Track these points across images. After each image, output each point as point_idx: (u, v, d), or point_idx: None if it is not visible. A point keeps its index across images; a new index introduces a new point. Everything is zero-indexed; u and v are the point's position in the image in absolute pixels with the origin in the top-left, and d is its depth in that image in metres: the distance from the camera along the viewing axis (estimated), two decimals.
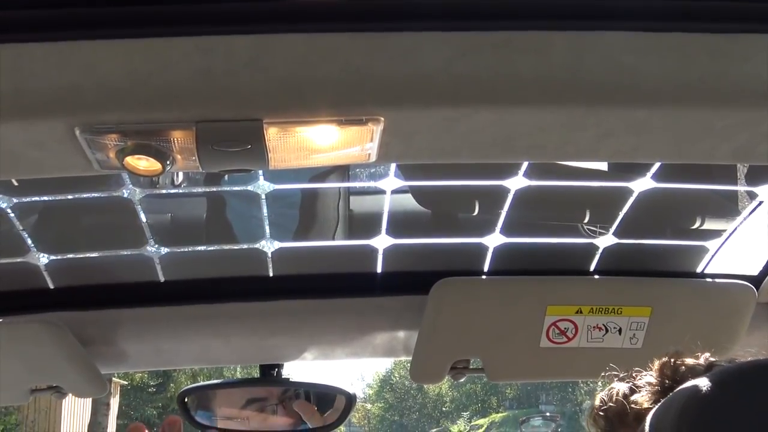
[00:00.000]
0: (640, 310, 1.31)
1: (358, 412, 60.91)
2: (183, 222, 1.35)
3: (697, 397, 0.62)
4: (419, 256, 1.38)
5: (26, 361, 1.33)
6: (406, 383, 56.67)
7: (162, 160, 0.80)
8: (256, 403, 1.51)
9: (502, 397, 49.47)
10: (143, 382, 25.75)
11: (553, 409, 36.12)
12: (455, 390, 52.61)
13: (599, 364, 1.16)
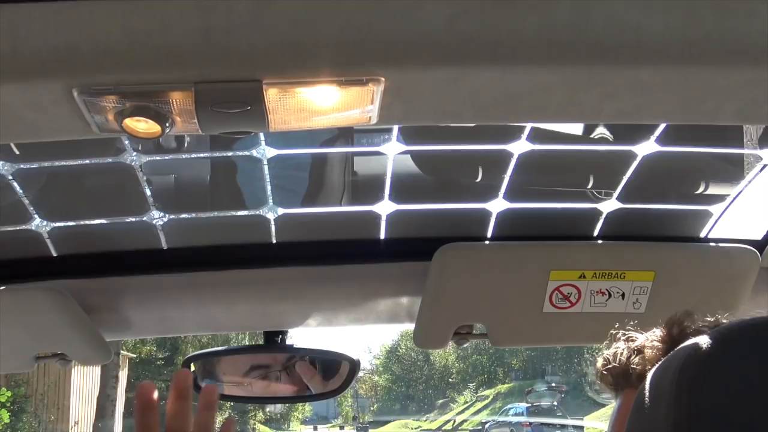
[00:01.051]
0: (643, 274, 1.31)
1: (365, 383, 61.45)
2: (186, 188, 1.35)
3: (698, 354, 0.62)
4: (422, 222, 1.38)
5: (30, 328, 1.33)
6: (413, 355, 57.07)
7: (161, 122, 0.79)
8: (260, 369, 1.52)
9: (508, 368, 49.73)
10: (151, 355, 25.95)
11: (558, 380, 36.34)
12: (461, 361, 52.92)
13: (602, 328, 1.16)
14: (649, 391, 0.65)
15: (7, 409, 12.52)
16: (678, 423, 0.59)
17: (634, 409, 0.67)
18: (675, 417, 0.60)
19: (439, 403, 49.30)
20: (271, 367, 1.52)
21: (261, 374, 1.53)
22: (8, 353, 1.40)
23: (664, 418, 0.60)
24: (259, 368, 1.52)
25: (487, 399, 41.38)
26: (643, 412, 0.65)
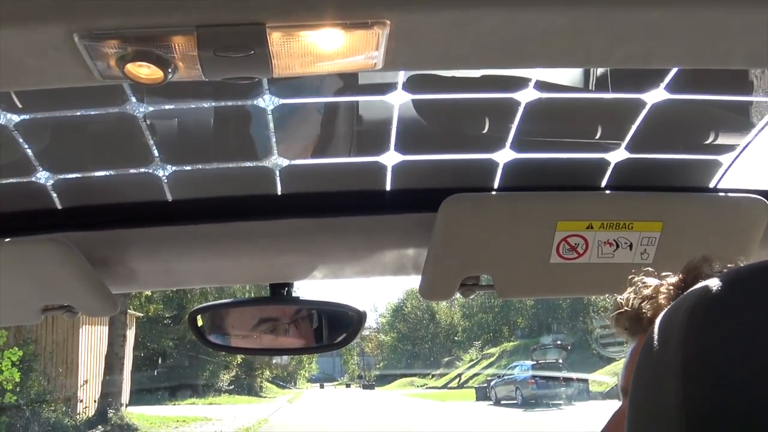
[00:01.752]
0: (651, 225, 1.30)
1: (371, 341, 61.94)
2: (190, 139, 1.34)
3: (708, 296, 0.62)
4: (428, 173, 1.37)
5: (36, 280, 1.33)
6: (418, 313, 57.43)
7: (164, 67, 0.78)
8: (267, 322, 1.53)
9: (513, 326, 50.06)
10: (158, 314, 26.16)
11: (563, 337, 36.57)
12: (467, 320, 53.25)
13: (609, 279, 1.16)
14: (658, 333, 0.64)
15: (17, 367, 12.65)
16: (686, 364, 0.59)
17: (643, 351, 0.67)
18: (683, 358, 0.59)
19: (444, 361, 49.73)
20: (278, 320, 1.53)
21: (267, 327, 1.53)
22: (15, 305, 1.41)
23: (673, 359, 0.60)
24: (266, 321, 1.53)
25: (492, 357, 41.70)
26: (651, 353, 0.64)
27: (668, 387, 0.60)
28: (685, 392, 0.58)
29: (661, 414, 0.61)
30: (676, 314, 0.63)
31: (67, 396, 16.41)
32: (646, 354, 0.66)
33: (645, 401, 0.65)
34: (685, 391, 0.58)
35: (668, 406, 0.60)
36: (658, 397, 0.62)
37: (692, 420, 0.58)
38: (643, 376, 0.66)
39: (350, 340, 1.52)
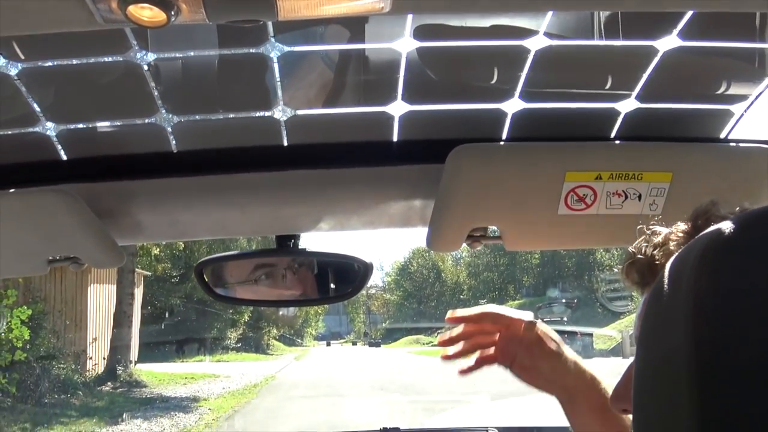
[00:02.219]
0: (660, 175, 1.29)
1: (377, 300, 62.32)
2: (195, 89, 1.32)
3: (719, 239, 0.61)
4: (436, 124, 1.36)
5: (41, 231, 1.33)
6: (424, 272, 57.68)
7: (166, 9, 0.76)
8: (272, 273, 1.53)
9: (519, 285, 50.30)
10: (166, 273, 26.30)
11: (568, 296, 36.72)
12: (473, 278, 53.51)
13: (618, 231, 1.15)
14: (668, 277, 0.63)
15: (27, 326, 12.77)
16: (697, 307, 0.58)
17: (653, 296, 0.66)
18: (694, 301, 0.59)
19: None
20: (284, 272, 1.53)
21: (274, 280, 1.53)
22: (20, 256, 1.41)
23: (683, 303, 0.59)
24: (272, 274, 1.53)
25: None
26: (661, 298, 0.64)
27: (678, 332, 0.59)
28: (695, 336, 0.58)
29: (670, 359, 0.60)
30: (686, 258, 0.62)
31: (76, 353, 16.59)
32: (656, 299, 0.65)
33: (654, 347, 0.64)
34: (696, 335, 0.58)
35: (678, 351, 0.59)
36: (667, 342, 0.61)
37: (702, 364, 0.57)
38: (652, 322, 0.65)
39: (357, 291, 1.52)
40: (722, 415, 0.56)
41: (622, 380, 0.93)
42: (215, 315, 27.63)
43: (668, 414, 0.60)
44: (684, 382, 0.58)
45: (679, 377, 0.59)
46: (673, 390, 0.59)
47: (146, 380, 17.63)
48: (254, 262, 1.53)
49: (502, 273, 51.05)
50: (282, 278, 1.52)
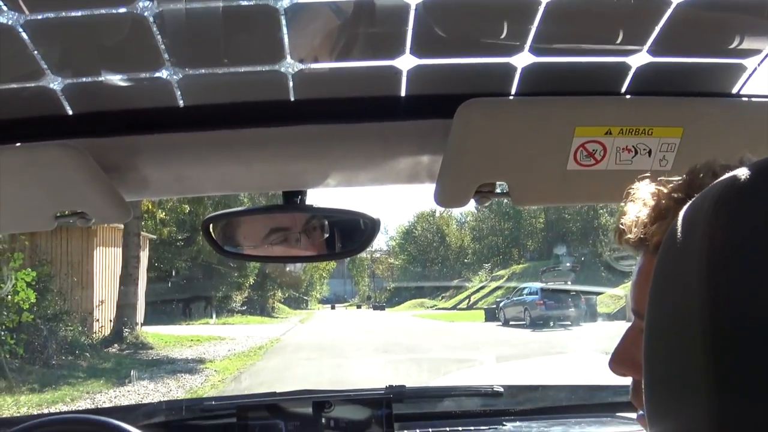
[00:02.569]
0: (671, 130, 1.27)
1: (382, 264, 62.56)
2: (201, 42, 1.30)
3: (735, 186, 0.59)
4: (444, 78, 1.34)
5: (48, 186, 1.33)
6: (429, 236, 57.83)
7: None
8: (277, 231, 1.52)
9: (523, 249, 50.42)
10: (171, 237, 26.38)
11: (572, 260, 36.78)
12: (477, 242, 53.64)
13: (627, 187, 1.14)
14: (681, 225, 0.62)
15: (33, 288, 12.85)
16: (711, 257, 0.57)
17: (665, 247, 0.65)
18: (708, 251, 0.58)
19: (454, 282, 50.24)
20: (290, 228, 1.52)
21: (280, 236, 1.53)
22: (27, 212, 1.41)
23: (698, 252, 0.58)
24: (278, 230, 1.52)
25: (501, 279, 42.08)
26: (674, 246, 0.62)
27: (691, 284, 0.58)
28: (709, 288, 0.57)
29: (682, 314, 0.60)
30: (701, 205, 0.61)
31: (83, 315, 16.71)
32: (669, 248, 0.64)
33: (665, 302, 0.63)
34: (710, 287, 0.57)
35: (691, 306, 0.58)
36: (679, 296, 0.60)
37: (717, 318, 0.56)
38: (664, 272, 0.64)
39: (364, 247, 1.52)
40: (738, 371, 0.55)
41: (621, 343, 0.92)
42: (220, 278, 27.77)
43: (681, 371, 0.59)
44: (698, 337, 0.57)
45: (692, 333, 0.58)
46: (687, 346, 0.58)
47: (152, 342, 17.78)
48: (260, 220, 1.53)
49: (506, 237, 51.17)
50: (288, 233, 1.52)
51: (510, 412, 2.31)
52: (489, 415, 2.30)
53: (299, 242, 1.53)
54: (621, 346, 0.92)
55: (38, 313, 13.80)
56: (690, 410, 0.58)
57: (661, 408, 0.64)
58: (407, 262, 59.26)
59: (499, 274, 44.16)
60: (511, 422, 2.26)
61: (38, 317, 13.75)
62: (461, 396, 2.41)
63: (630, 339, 0.90)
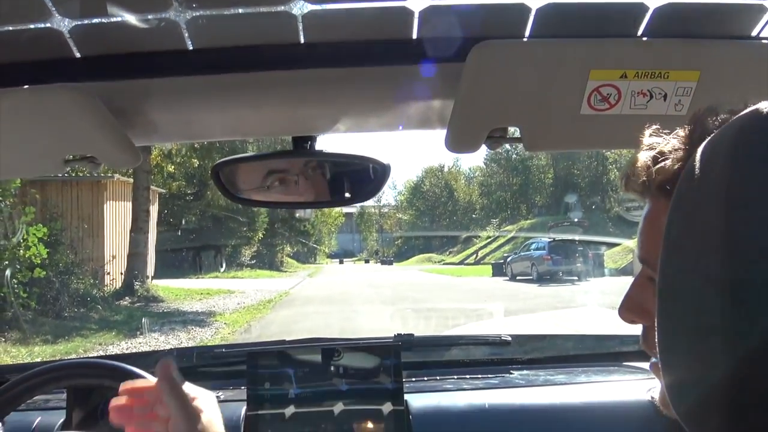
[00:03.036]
0: (687, 74, 1.25)
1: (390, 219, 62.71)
2: None
3: (756, 120, 0.58)
4: (457, 20, 1.31)
5: (57, 129, 1.32)
6: (437, 191, 57.91)
7: None
8: (286, 176, 1.51)
9: (531, 205, 50.41)
10: (180, 191, 26.47)
11: (580, 215, 36.78)
12: (485, 198, 53.69)
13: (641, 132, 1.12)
14: (700, 159, 0.61)
15: (45, 243, 12.93)
16: (731, 189, 0.56)
17: (682, 185, 0.64)
18: (729, 183, 0.57)
19: (462, 237, 50.40)
20: (300, 173, 1.51)
21: (289, 181, 1.52)
22: (37, 156, 1.40)
23: (717, 186, 0.57)
24: (287, 175, 1.51)
25: (509, 234, 42.15)
26: (692, 181, 0.61)
27: (710, 216, 0.57)
28: (728, 219, 0.56)
29: (702, 246, 0.59)
30: (719, 141, 0.60)
31: (94, 269, 16.88)
32: (686, 185, 0.63)
33: (682, 242, 0.62)
34: (729, 218, 0.56)
35: (710, 236, 0.57)
36: (698, 228, 0.59)
37: (736, 249, 0.55)
38: (681, 210, 0.63)
39: (375, 192, 1.51)
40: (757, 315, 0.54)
41: (630, 290, 0.91)
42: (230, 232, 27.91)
43: (696, 316, 0.59)
44: (715, 277, 0.56)
45: (709, 273, 0.57)
46: (703, 288, 0.58)
47: (163, 295, 17.96)
48: (270, 164, 1.52)
49: (514, 192, 51.15)
50: (297, 179, 1.51)
51: (517, 361, 2.32)
52: (496, 363, 2.32)
53: (309, 188, 1.52)
54: (630, 293, 0.91)
55: (50, 267, 13.91)
56: (705, 357, 0.58)
57: (675, 355, 0.63)
58: (415, 216, 59.41)
59: (506, 230, 44.23)
60: (518, 370, 2.27)
61: (50, 271, 13.86)
62: (469, 345, 2.42)
63: (638, 286, 0.90)
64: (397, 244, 59.90)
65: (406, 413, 1.89)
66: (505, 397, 1.97)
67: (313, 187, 1.53)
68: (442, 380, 2.16)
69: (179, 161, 23.65)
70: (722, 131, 0.61)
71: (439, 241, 53.98)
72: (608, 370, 2.26)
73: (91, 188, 18.16)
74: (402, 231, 59.94)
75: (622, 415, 1.89)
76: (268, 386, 1.90)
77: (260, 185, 1.52)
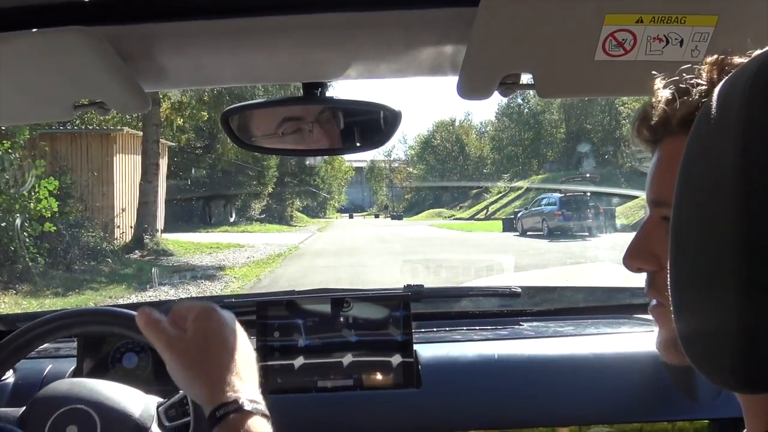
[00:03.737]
0: (705, 19, 1.22)
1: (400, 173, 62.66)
2: None
3: None
4: None
5: (66, 74, 1.30)
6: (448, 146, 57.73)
7: None
8: (297, 123, 1.50)
9: (543, 160, 50.22)
10: (190, 144, 26.46)
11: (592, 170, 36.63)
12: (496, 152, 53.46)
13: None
14: (717, 99, 0.60)
15: (54, 196, 12.98)
16: (748, 127, 0.55)
17: (698, 123, 0.62)
18: (746, 121, 0.55)
19: (472, 193, 50.39)
20: (309, 121, 1.50)
21: (300, 130, 1.50)
22: (46, 101, 1.39)
23: (733, 125, 0.56)
24: (297, 124, 1.50)
25: (520, 189, 42.10)
26: (708, 122, 0.60)
27: (726, 157, 0.56)
28: (744, 162, 0.55)
29: (715, 189, 0.58)
30: (738, 78, 0.59)
31: (104, 222, 16.97)
32: (702, 124, 0.62)
33: (697, 178, 0.61)
34: (745, 161, 0.55)
35: (724, 178, 0.56)
36: (713, 170, 0.58)
37: (751, 193, 0.54)
38: (696, 149, 0.62)
39: (386, 140, 1.49)
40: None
41: (638, 235, 0.90)
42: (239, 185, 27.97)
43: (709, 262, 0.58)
44: (729, 218, 0.55)
45: (724, 214, 0.56)
46: (717, 232, 0.57)
47: (173, 249, 18.06)
48: (280, 111, 1.50)
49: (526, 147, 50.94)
50: (307, 126, 1.49)
51: (527, 313, 2.32)
52: (506, 315, 2.32)
53: (321, 135, 1.50)
54: (638, 238, 0.90)
55: (60, 220, 13.99)
56: (719, 297, 0.57)
57: (688, 295, 0.62)
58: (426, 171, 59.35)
59: (517, 185, 44.15)
60: (528, 322, 2.28)
61: (60, 224, 13.94)
62: (479, 296, 2.43)
63: (646, 230, 0.89)
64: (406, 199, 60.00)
65: (415, 364, 1.90)
66: (514, 348, 1.98)
67: (325, 134, 1.51)
68: (452, 331, 2.17)
69: (189, 114, 23.59)
70: (741, 69, 0.60)
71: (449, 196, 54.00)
72: (618, 322, 2.27)
73: (100, 141, 18.18)
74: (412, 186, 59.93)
75: (631, 367, 1.90)
76: (278, 336, 1.91)
77: (273, 132, 1.50)
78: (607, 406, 1.83)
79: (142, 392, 1.59)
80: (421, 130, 69.53)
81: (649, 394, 1.85)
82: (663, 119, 0.85)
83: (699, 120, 0.62)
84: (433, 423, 1.81)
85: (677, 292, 0.63)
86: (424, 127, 59.87)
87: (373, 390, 1.89)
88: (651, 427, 1.80)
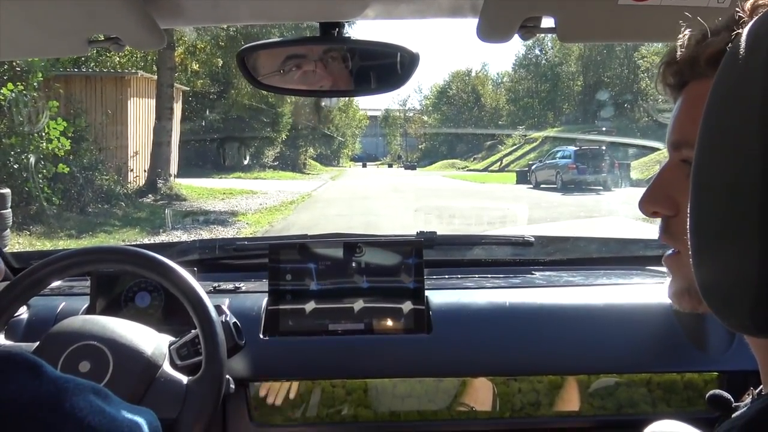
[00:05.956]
0: None
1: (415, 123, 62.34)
2: None
3: None
4: None
5: (80, 8, 1.28)
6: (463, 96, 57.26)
7: None
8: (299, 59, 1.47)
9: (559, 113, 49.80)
10: (204, 89, 26.31)
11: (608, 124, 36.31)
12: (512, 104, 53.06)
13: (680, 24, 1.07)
14: (746, 40, 0.58)
15: (66, 137, 12.97)
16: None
17: (725, 64, 0.61)
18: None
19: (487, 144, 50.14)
20: (327, 61, 1.47)
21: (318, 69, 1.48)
22: (60, 35, 1.37)
23: (762, 66, 0.54)
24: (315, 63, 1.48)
25: (535, 142, 41.84)
26: (735, 64, 0.58)
27: (753, 98, 0.55)
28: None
29: (740, 132, 0.56)
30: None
31: (118, 166, 16.98)
32: (729, 64, 0.60)
33: (722, 120, 0.60)
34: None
35: (751, 120, 0.55)
36: (739, 112, 0.57)
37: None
38: (723, 91, 0.60)
39: (403, 82, 1.47)
40: None
41: (656, 178, 0.89)
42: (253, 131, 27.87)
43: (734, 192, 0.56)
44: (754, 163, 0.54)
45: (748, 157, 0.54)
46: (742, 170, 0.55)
47: (186, 193, 18.09)
48: (297, 50, 1.48)
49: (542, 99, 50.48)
50: (311, 65, 1.47)
51: (539, 262, 2.32)
52: (518, 264, 2.32)
53: (337, 75, 1.48)
54: (656, 181, 0.89)
55: (74, 162, 14.01)
56: (739, 251, 0.56)
57: (706, 247, 0.61)
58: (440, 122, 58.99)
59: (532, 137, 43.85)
60: (540, 271, 2.27)
61: (74, 166, 13.97)
62: (492, 244, 2.42)
63: (665, 174, 0.88)
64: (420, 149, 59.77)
65: (426, 310, 1.90)
66: (525, 297, 1.97)
67: (330, 74, 1.49)
68: (464, 279, 2.16)
69: (203, 59, 23.45)
70: None
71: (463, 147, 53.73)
72: (630, 273, 2.26)
73: (115, 84, 18.10)
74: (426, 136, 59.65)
75: (642, 318, 1.89)
76: (290, 279, 1.92)
77: (276, 70, 1.48)
78: (617, 356, 1.83)
79: (155, 331, 1.60)
80: (437, 80, 68.83)
81: (658, 345, 1.85)
82: (691, 58, 0.83)
83: (727, 59, 0.61)
84: (443, 368, 1.82)
85: (696, 237, 0.62)
86: (440, 77, 59.37)
87: (384, 334, 1.89)
88: (660, 377, 1.80)
